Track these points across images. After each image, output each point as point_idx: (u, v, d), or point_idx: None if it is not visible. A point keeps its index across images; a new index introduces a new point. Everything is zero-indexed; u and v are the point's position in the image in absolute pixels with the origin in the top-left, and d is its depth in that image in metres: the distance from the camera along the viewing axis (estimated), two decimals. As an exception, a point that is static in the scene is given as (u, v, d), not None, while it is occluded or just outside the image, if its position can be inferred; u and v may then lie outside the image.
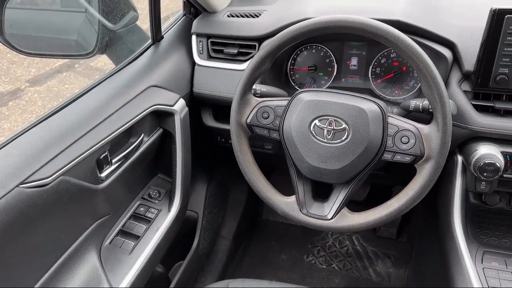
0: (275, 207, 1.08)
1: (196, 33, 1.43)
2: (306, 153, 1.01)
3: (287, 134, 1.03)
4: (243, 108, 1.07)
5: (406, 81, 1.30)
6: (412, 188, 0.97)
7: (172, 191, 1.36)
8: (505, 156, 1.08)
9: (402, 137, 0.97)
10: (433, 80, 0.91)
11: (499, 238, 1.23)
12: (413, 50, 0.91)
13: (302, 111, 1.01)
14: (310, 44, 1.36)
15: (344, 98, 1.01)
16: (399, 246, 2.01)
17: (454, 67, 1.15)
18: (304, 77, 1.39)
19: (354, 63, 1.35)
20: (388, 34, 0.92)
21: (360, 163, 0.99)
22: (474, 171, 1.08)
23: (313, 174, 1.03)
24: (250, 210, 2.10)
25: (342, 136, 0.98)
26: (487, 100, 1.11)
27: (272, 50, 1.01)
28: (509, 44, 1.02)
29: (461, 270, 1.09)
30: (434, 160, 0.94)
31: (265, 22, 1.34)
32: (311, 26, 0.96)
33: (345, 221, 1.03)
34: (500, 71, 1.05)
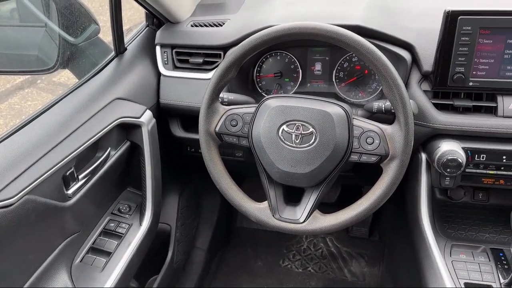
0: (248, 214, 1.09)
1: (160, 43, 1.42)
2: (276, 158, 1.02)
3: (256, 141, 1.04)
4: (211, 117, 1.07)
5: (368, 83, 1.33)
6: (379, 187, 0.99)
7: (143, 205, 1.34)
8: (466, 151, 1.12)
9: (367, 138, 0.99)
10: (393, 81, 0.94)
11: (466, 231, 1.27)
12: (373, 54, 0.94)
13: (270, 117, 1.02)
14: (274, 51, 1.38)
15: (310, 102, 1.03)
16: (372, 245, 2.05)
17: (414, 68, 1.19)
18: (271, 83, 1.41)
19: (318, 68, 1.37)
20: (348, 39, 0.94)
21: (329, 166, 1.01)
22: (438, 167, 1.11)
23: (284, 179, 1.04)
24: (224, 219, 2.09)
25: (310, 140, 1.00)
26: (446, 98, 1.15)
27: (237, 58, 1.02)
28: (464, 44, 1.07)
29: (431, 264, 1.12)
30: (398, 159, 0.97)
31: (229, 31, 1.35)
32: (274, 33, 0.97)
33: (317, 223, 1.04)
34: (457, 70, 1.10)
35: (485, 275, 1.09)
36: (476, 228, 1.27)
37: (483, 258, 1.14)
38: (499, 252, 1.16)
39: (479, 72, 1.09)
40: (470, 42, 1.06)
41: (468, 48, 1.07)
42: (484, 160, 1.13)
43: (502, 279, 1.08)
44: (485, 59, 1.08)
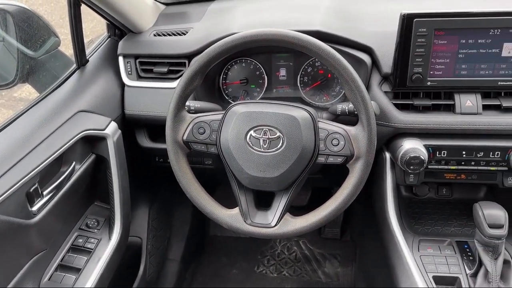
0: (220, 221, 1.08)
1: (123, 54, 1.41)
2: (245, 164, 1.03)
3: (225, 147, 1.05)
4: (178, 125, 1.07)
5: (332, 87, 1.36)
6: (346, 187, 1.02)
7: (111, 218, 1.31)
8: (428, 148, 1.16)
9: (333, 140, 1.02)
10: (355, 84, 0.97)
11: (432, 226, 1.31)
12: (334, 58, 0.97)
13: (237, 123, 1.03)
14: (239, 58, 1.39)
15: (276, 107, 1.04)
16: (344, 245, 2.08)
17: (374, 70, 1.23)
18: (237, 90, 1.42)
19: (283, 73, 1.39)
20: (310, 45, 0.96)
21: (297, 169, 1.03)
22: (402, 165, 1.15)
23: (254, 184, 1.05)
24: (196, 228, 2.07)
25: (277, 144, 1.01)
26: (406, 98, 1.19)
27: (202, 66, 1.02)
28: (420, 45, 1.11)
29: (400, 260, 1.15)
30: (363, 159, 1.00)
31: (193, 39, 1.35)
32: (237, 40, 0.98)
33: (289, 226, 1.05)
34: (415, 70, 1.14)
35: (452, 267, 1.13)
36: (441, 223, 1.32)
37: (450, 251, 1.18)
38: (464, 244, 1.21)
39: (436, 72, 1.14)
40: (426, 43, 1.10)
41: (424, 49, 1.11)
42: (445, 156, 1.17)
43: (468, 270, 1.12)
44: (441, 59, 1.13)
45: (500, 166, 1.16)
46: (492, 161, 1.15)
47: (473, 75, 1.12)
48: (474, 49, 1.11)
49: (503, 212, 1.05)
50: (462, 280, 1.10)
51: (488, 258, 1.06)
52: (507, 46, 1.09)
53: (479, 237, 1.06)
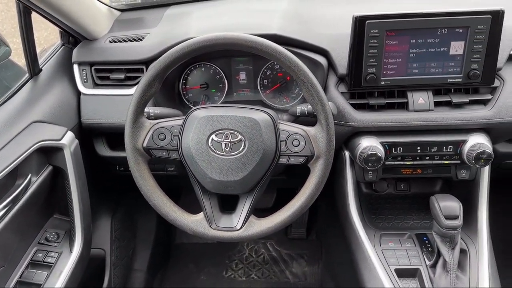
0: (184, 227, 1.07)
1: (78, 62, 1.37)
2: (207, 168, 1.03)
3: (187, 153, 1.04)
4: (137, 132, 1.05)
5: (291, 89, 1.39)
6: (309, 186, 1.03)
7: (72, 231, 1.27)
8: (384, 145, 1.21)
9: (293, 141, 1.03)
10: (312, 86, 0.99)
11: (392, 220, 1.36)
12: (291, 61, 0.98)
13: (198, 127, 1.03)
14: (198, 63, 1.39)
15: (236, 111, 1.05)
16: (310, 245, 2.11)
17: (330, 72, 1.26)
18: (198, 95, 1.41)
19: (243, 77, 1.40)
20: (267, 48, 0.98)
21: (260, 170, 1.04)
22: (360, 162, 1.18)
23: (217, 188, 1.05)
24: (162, 237, 2.04)
25: (239, 147, 1.02)
26: (362, 98, 1.23)
27: (159, 72, 1.01)
28: (373, 46, 1.15)
29: (363, 255, 1.18)
30: (323, 158, 1.02)
31: (149, 44, 1.33)
32: (194, 45, 0.98)
33: (254, 228, 1.06)
34: (369, 71, 1.18)
35: (412, 259, 1.18)
36: (401, 217, 1.36)
37: (410, 244, 1.23)
38: (423, 236, 1.26)
39: (389, 71, 1.18)
40: (379, 44, 1.14)
41: (377, 50, 1.15)
42: (401, 152, 1.22)
43: (427, 261, 1.17)
44: (393, 59, 1.17)
45: (453, 160, 1.22)
46: (445, 155, 1.21)
47: (424, 74, 1.17)
48: (424, 48, 1.15)
49: (457, 204, 1.10)
50: (423, 271, 1.14)
51: (445, 248, 1.11)
52: (454, 45, 1.15)
53: (437, 229, 1.11)
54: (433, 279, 1.11)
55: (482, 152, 1.13)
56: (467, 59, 1.14)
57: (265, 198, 2.14)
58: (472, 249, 1.18)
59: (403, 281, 1.13)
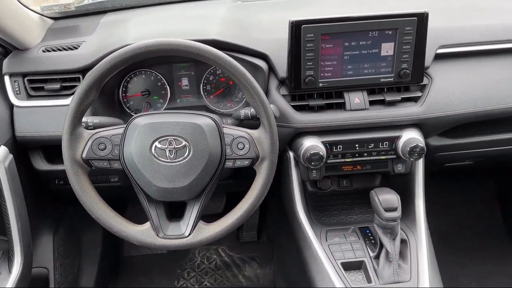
0: (130, 238, 1.05)
1: (9, 73, 1.31)
2: (152, 176, 1.01)
3: (129, 161, 1.02)
4: (75, 143, 1.01)
5: (235, 93, 1.40)
6: (255, 188, 1.05)
7: (10, 250, 1.20)
8: (325, 145, 1.25)
9: (238, 144, 1.05)
10: (253, 89, 1.01)
11: (337, 216, 1.41)
12: (231, 65, 1.00)
13: (140, 135, 1.01)
14: (138, 70, 1.37)
15: (179, 117, 1.04)
16: (262, 247, 2.13)
17: (271, 75, 1.29)
18: (139, 102, 1.39)
19: (185, 83, 1.40)
20: (206, 53, 0.98)
21: (206, 175, 1.04)
22: (304, 162, 1.22)
23: (163, 195, 1.04)
24: (109, 251, 1.97)
25: (184, 153, 1.01)
26: (303, 100, 1.27)
27: (96, 80, 0.98)
28: (310, 50, 1.19)
29: (310, 252, 1.21)
30: (268, 159, 1.04)
31: (85, 53, 1.29)
32: (132, 51, 0.97)
33: (203, 234, 1.06)
34: (307, 73, 1.21)
35: (357, 252, 1.23)
36: (345, 212, 1.42)
37: (354, 238, 1.28)
38: (366, 229, 1.31)
39: (326, 73, 1.23)
40: (315, 47, 1.19)
41: (314, 53, 1.19)
42: (341, 150, 1.27)
43: (371, 252, 1.22)
44: (329, 62, 1.22)
45: (389, 155, 1.28)
46: (382, 150, 1.27)
47: (358, 74, 1.23)
48: (357, 50, 1.21)
49: (395, 196, 1.16)
50: (367, 263, 1.19)
51: (387, 239, 1.16)
52: (385, 46, 1.21)
53: (378, 221, 1.16)
54: (377, 269, 1.16)
55: (415, 146, 1.20)
56: (397, 59, 1.21)
57: (215, 203, 2.13)
58: (412, 239, 1.25)
59: (349, 274, 1.17)
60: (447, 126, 1.31)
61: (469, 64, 1.34)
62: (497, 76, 1.33)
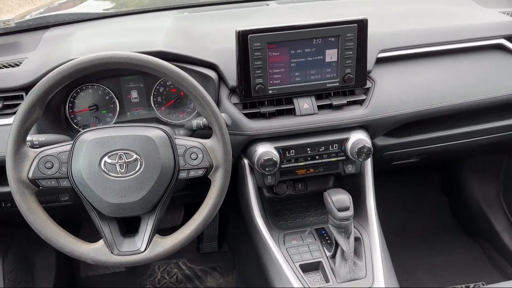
0: (84, 258, 1.02)
1: None
2: (103, 192, 0.99)
3: (78, 179, 0.99)
4: (20, 163, 0.98)
5: (186, 104, 1.40)
6: (211, 197, 1.06)
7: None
8: (278, 150, 1.27)
9: (191, 154, 1.05)
10: (203, 99, 1.02)
11: (294, 220, 1.44)
12: (179, 76, 1.00)
13: (88, 151, 0.99)
14: (85, 85, 1.34)
15: (129, 130, 1.03)
16: (223, 256, 2.13)
17: (222, 85, 1.30)
18: (87, 118, 1.36)
19: (135, 96, 1.38)
20: (153, 65, 0.98)
21: (160, 188, 1.03)
22: (258, 168, 1.24)
23: (116, 211, 1.02)
24: (64, 273, 1.90)
25: (135, 167, 1.00)
26: (254, 107, 1.29)
27: (39, 97, 0.95)
28: (257, 58, 1.21)
29: (269, 257, 1.23)
30: (222, 168, 1.05)
31: (28, 69, 1.25)
32: (75, 66, 0.95)
33: (159, 247, 1.05)
34: (257, 81, 1.24)
35: (314, 253, 1.25)
36: (301, 215, 1.45)
37: (311, 239, 1.31)
38: (322, 230, 1.35)
39: (274, 81, 1.25)
40: (262, 56, 1.21)
41: (261, 61, 1.22)
42: (294, 155, 1.30)
43: (327, 252, 1.25)
44: (277, 69, 1.25)
45: (339, 156, 1.33)
46: (332, 153, 1.31)
47: (306, 81, 1.27)
48: (303, 57, 1.25)
49: (347, 196, 1.20)
50: (324, 262, 1.22)
51: (342, 238, 1.20)
52: (329, 53, 1.26)
53: (332, 221, 1.20)
54: (334, 269, 1.19)
55: (363, 147, 1.25)
56: (341, 65, 1.26)
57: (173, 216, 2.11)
58: (365, 236, 1.29)
59: (308, 275, 1.19)
60: (391, 126, 1.37)
61: (409, 67, 1.41)
62: (436, 76, 1.41)
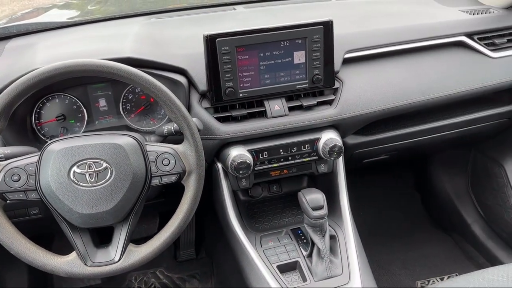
0: (57, 271, 1.00)
1: None
2: (73, 203, 0.97)
3: (47, 190, 0.97)
4: (-16, 177, 0.95)
5: (157, 110, 1.38)
6: (185, 203, 1.05)
7: None
8: (251, 152, 1.28)
9: (163, 160, 1.04)
10: (173, 104, 1.02)
11: (270, 221, 1.44)
12: (148, 82, 0.99)
13: (56, 162, 0.97)
14: (51, 95, 1.30)
15: (98, 138, 1.02)
16: (201, 263, 2.11)
17: (192, 89, 1.29)
18: (55, 128, 1.32)
19: (103, 104, 1.35)
20: (121, 71, 0.97)
21: (132, 196, 1.02)
22: (232, 171, 1.24)
23: (88, 222, 1.00)
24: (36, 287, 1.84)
25: (106, 176, 0.99)
26: (225, 111, 1.29)
27: (2, 109, 0.93)
28: (227, 62, 1.22)
29: (247, 259, 1.23)
30: (195, 173, 1.05)
31: (-11, 81, 1.21)
32: (40, 76, 0.93)
33: (134, 256, 1.03)
34: (227, 85, 1.24)
35: (291, 253, 1.26)
36: (277, 216, 1.45)
37: (287, 240, 1.31)
38: (298, 230, 1.36)
39: (245, 84, 1.26)
40: (231, 59, 1.22)
41: (231, 65, 1.22)
42: (267, 157, 1.30)
43: (304, 252, 1.26)
44: (247, 72, 1.26)
45: (312, 156, 1.34)
46: (304, 153, 1.33)
47: (276, 83, 1.28)
48: (272, 60, 1.26)
49: (321, 195, 1.21)
50: (301, 262, 1.23)
51: (317, 237, 1.21)
52: (297, 55, 1.27)
53: (307, 221, 1.21)
54: (311, 267, 1.20)
55: (334, 146, 1.27)
56: (309, 66, 1.28)
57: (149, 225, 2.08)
58: (340, 234, 1.31)
59: (285, 276, 1.20)
60: (360, 124, 1.40)
61: (375, 66, 1.45)
62: (401, 74, 1.45)
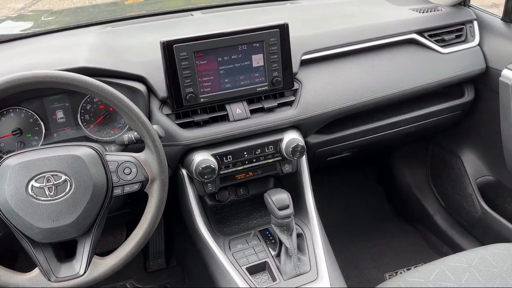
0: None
1: None
2: (33, 218, 0.95)
3: (5, 207, 0.94)
4: None
5: (117, 119, 1.36)
6: (149, 211, 1.04)
7: None
8: (216, 157, 1.28)
9: (125, 169, 1.03)
10: (132, 112, 1.01)
11: (238, 224, 1.44)
12: (105, 91, 0.98)
13: (12, 177, 0.94)
14: (6, 109, 1.26)
15: (55, 151, 0.99)
16: (172, 272, 2.08)
17: (152, 97, 1.29)
18: (11, 143, 1.28)
19: (60, 116, 1.32)
20: (76, 81, 0.95)
21: (94, 207, 1.00)
22: (197, 177, 1.24)
23: (49, 236, 0.98)
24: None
25: (65, 189, 0.97)
26: (187, 117, 1.29)
27: None
28: (185, 68, 1.22)
29: (216, 264, 1.23)
30: (158, 180, 1.04)
31: None
32: None
33: (99, 268, 1.02)
34: (187, 91, 1.24)
35: (260, 254, 1.27)
36: (245, 219, 1.46)
37: (255, 241, 1.32)
38: (266, 231, 1.37)
39: (205, 89, 1.26)
40: (190, 65, 1.22)
41: (190, 70, 1.22)
42: (232, 160, 1.31)
43: (273, 252, 1.28)
44: (207, 77, 1.26)
45: (276, 157, 1.36)
46: (268, 154, 1.34)
47: (236, 86, 1.29)
48: (231, 64, 1.27)
49: (286, 195, 1.23)
50: (270, 262, 1.24)
51: (284, 236, 1.22)
52: (255, 58, 1.29)
53: (274, 221, 1.22)
54: (280, 267, 1.22)
55: (296, 146, 1.30)
56: (268, 69, 1.30)
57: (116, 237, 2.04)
58: (307, 232, 1.33)
59: (255, 277, 1.20)
60: (321, 123, 1.43)
61: (332, 66, 1.48)
62: (357, 73, 1.50)
